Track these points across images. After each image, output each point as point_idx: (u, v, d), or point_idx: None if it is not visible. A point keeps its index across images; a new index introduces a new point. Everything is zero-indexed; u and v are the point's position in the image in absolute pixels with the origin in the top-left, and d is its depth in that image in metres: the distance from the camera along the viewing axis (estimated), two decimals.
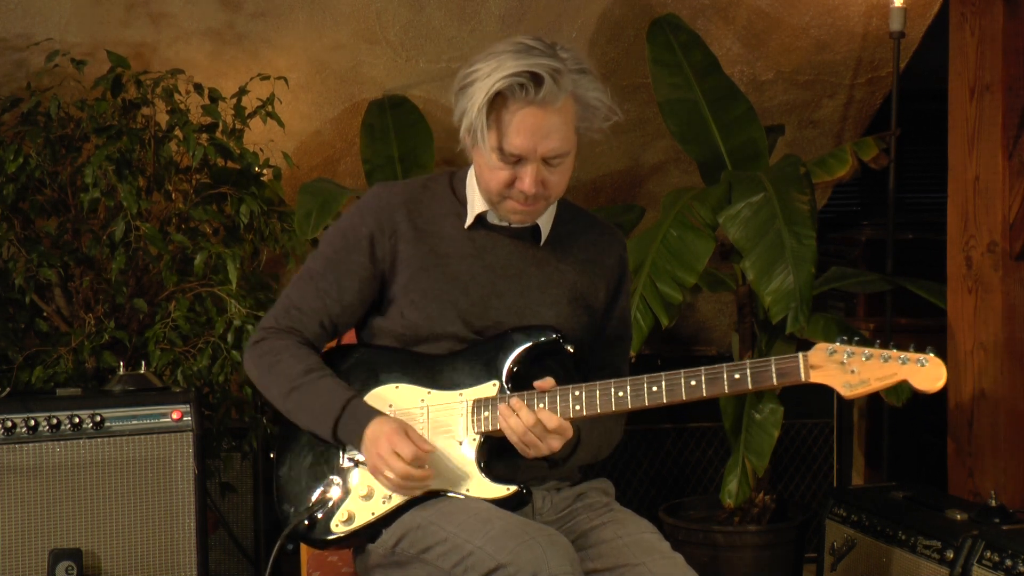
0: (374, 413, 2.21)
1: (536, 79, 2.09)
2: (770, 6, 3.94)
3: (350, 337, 2.59)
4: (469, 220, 2.28)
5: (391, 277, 2.28)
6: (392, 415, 2.24)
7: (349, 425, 2.21)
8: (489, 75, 2.10)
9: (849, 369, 2.06)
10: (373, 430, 2.18)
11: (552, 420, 2.13)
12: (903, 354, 2.05)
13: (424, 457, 2.16)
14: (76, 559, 2.82)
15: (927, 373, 2.04)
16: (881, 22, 4.02)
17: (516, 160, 2.15)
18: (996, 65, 3.34)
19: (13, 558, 2.82)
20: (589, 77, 2.15)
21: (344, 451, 2.28)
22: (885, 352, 2.05)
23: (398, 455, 2.14)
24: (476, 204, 2.27)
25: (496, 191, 2.19)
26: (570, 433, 2.16)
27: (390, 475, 2.16)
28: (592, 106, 2.17)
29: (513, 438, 2.15)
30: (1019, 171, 3.33)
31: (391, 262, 2.27)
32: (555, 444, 2.15)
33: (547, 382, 2.18)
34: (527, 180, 2.15)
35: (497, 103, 2.12)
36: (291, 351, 2.27)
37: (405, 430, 2.17)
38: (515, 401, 2.15)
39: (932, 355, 2.05)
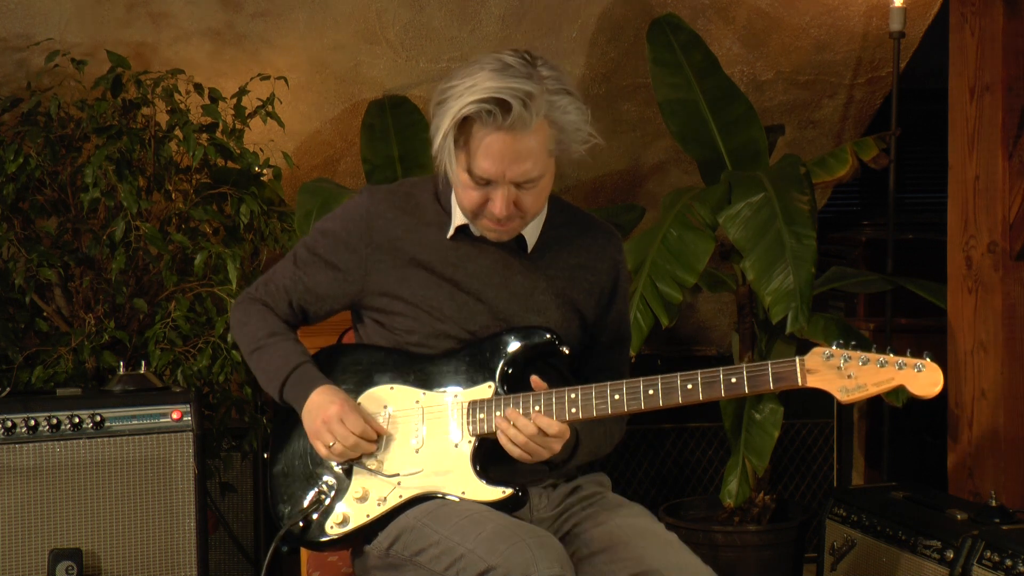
0: (320, 380, 2.25)
1: (503, 105, 2.05)
2: (770, 6, 3.94)
3: (350, 337, 2.60)
4: (451, 231, 2.27)
5: (368, 287, 2.29)
6: (387, 416, 2.25)
7: (294, 388, 2.26)
8: (460, 96, 2.07)
9: (846, 374, 2.06)
10: (319, 398, 2.22)
11: (552, 426, 2.12)
12: (900, 359, 2.05)
13: (372, 434, 2.20)
14: (76, 559, 2.82)
15: (924, 378, 2.04)
16: (881, 22, 4.02)
17: (486, 183, 2.14)
18: (996, 65, 3.34)
19: (13, 558, 2.82)
20: (568, 99, 2.11)
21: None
22: (882, 357, 2.05)
23: (344, 423, 2.18)
24: (458, 216, 2.26)
25: (470, 210, 2.19)
26: (568, 434, 2.16)
27: (331, 443, 2.19)
28: (569, 129, 2.12)
29: (515, 451, 2.14)
30: (1019, 171, 3.33)
31: (366, 272, 2.28)
32: (556, 447, 2.15)
33: (542, 384, 2.17)
34: (498, 203, 2.14)
35: (465, 126, 2.10)
36: (260, 315, 2.35)
37: (354, 407, 2.22)
38: (510, 412, 2.15)
39: (929, 360, 2.05)
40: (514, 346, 2.22)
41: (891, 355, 2.05)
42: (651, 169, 4.35)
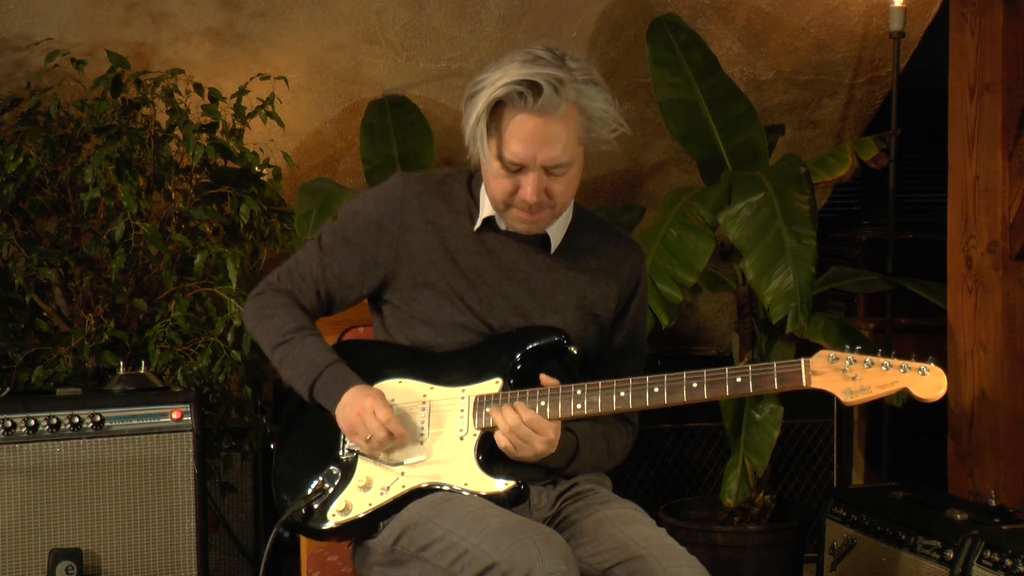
0: (354, 379, 2.25)
1: (535, 87, 2.10)
2: (770, 6, 3.94)
3: (355, 334, 2.60)
4: (478, 223, 2.30)
5: (397, 269, 2.30)
6: (394, 409, 2.26)
7: (327, 387, 2.26)
8: (492, 84, 2.13)
9: (850, 376, 2.08)
10: (355, 393, 2.23)
11: (527, 413, 2.15)
12: (904, 363, 2.07)
13: (399, 428, 2.21)
14: (76, 559, 2.82)
15: (928, 382, 2.07)
16: (881, 22, 4.02)
17: (517, 168, 2.17)
18: (996, 65, 3.34)
19: (13, 558, 2.82)
20: (597, 88, 2.16)
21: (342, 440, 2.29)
22: (887, 360, 2.08)
23: (376, 415, 2.19)
24: (486, 208, 2.29)
25: (501, 199, 2.22)
26: (550, 433, 2.17)
27: (368, 437, 2.20)
28: (597, 117, 2.17)
29: (502, 441, 2.17)
30: (1019, 171, 3.33)
31: (396, 254, 2.30)
32: (539, 446, 2.16)
33: (552, 380, 2.19)
34: (528, 189, 2.17)
35: (497, 111, 2.14)
36: (287, 308, 2.34)
37: (386, 401, 2.23)
38: (504, 406, 2.18)
39: (933, 364, 2.07)
40: (524, 345, 2.25)
41: (895, 358, 2.07)
42: (651, 169, 4.35)
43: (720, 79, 3.67)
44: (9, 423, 2.83)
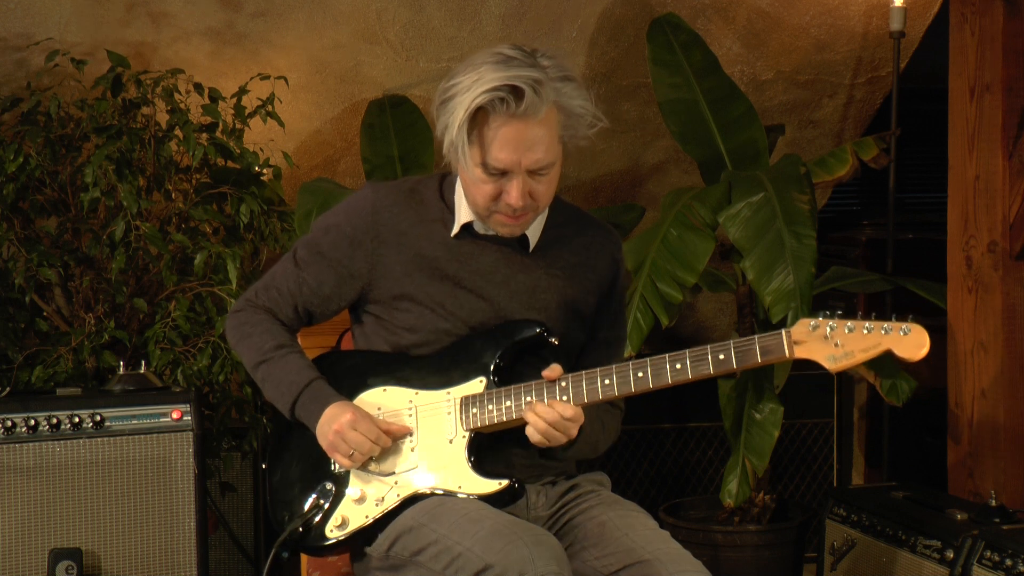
0: (334, 397, 2.24)
1: (516, 92, 2.07)
2: (770, 6, 3.94)
3: (348, 342, 2.60)
4: (455, 229, 2.27)
5: (373, 281, 2.29)
6: (381, 418, 2.25)
7: (308, 406, 2.24)
8: (469, 89, 2.09)
9: (833, 342, 2.05)
10: (332, 411, 2.21)
11: (567, 410, 2.14)
12: (885, 324, 2.03)
13: (387, 440, 2.20)
14: (76, 559, 2.82)
15: (910, 341, 2.03)
16: (881, 22, 4.03)
17: (501, 174, 2.14)
18: (996, 65, 3.34)
19: (13, 558, 2.82)
20: (572, 85, 2.14)
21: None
22: (867, 323, 2.04)
23: (356, 430, 2.17)
24: (463, 213, 2.27)
25: (483, 205, 2.19)
26: (583, 418, 2.17)
27: (350, 453, 2.18)
28: (576, 114, 2.15)
29: (536, 438, 2.16)
30: (1019, 171, 3.33)
31: (372, 266, 2.28)
32: (573, 431, 2.16)
33: (554, 370, 2.18)
34: (514, 193, 2.14)
35: (478, 118, 2.11)
36: (265, 326, 2.31)
37: (366, 414, 2.21)
38: (533, 401, 2.17)
39: (914, 323, 2.03)
40: (504, 340, 2.23)
41: (876, 321, 2.05)
42: (651, 169, 4.35)
43: (720, 79, 3.67)
44: (9, 423, 2.84)
